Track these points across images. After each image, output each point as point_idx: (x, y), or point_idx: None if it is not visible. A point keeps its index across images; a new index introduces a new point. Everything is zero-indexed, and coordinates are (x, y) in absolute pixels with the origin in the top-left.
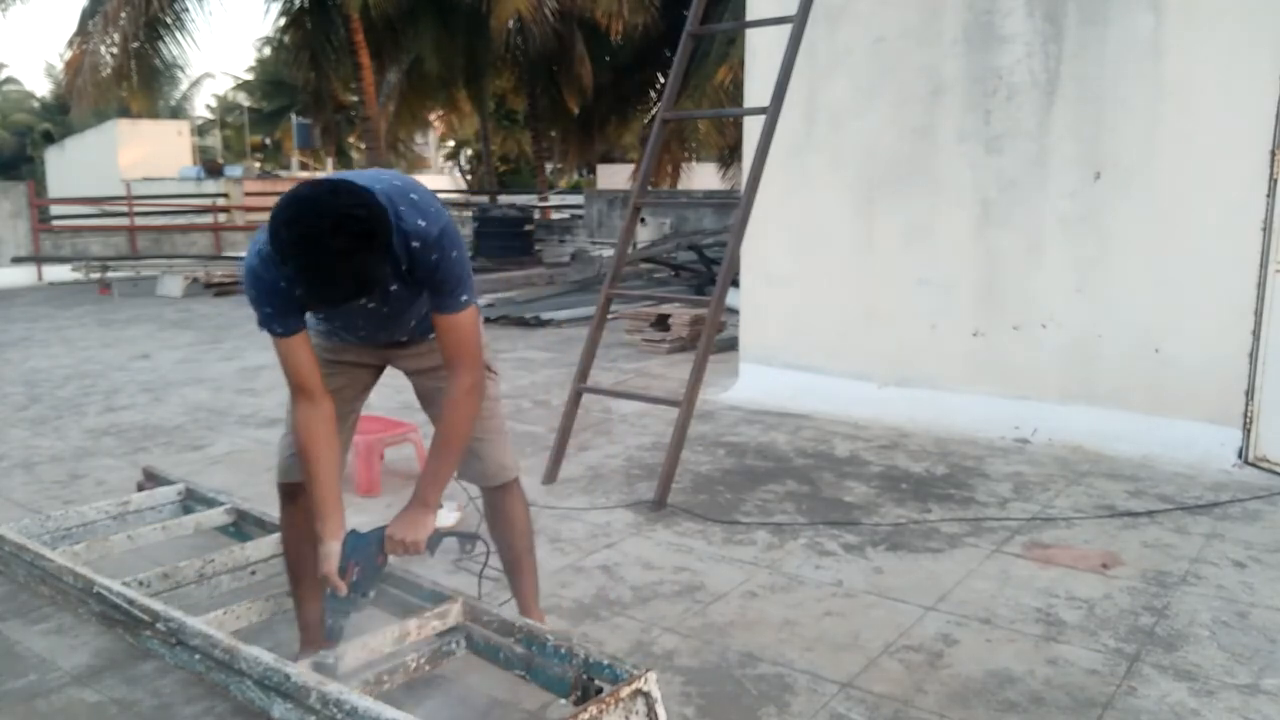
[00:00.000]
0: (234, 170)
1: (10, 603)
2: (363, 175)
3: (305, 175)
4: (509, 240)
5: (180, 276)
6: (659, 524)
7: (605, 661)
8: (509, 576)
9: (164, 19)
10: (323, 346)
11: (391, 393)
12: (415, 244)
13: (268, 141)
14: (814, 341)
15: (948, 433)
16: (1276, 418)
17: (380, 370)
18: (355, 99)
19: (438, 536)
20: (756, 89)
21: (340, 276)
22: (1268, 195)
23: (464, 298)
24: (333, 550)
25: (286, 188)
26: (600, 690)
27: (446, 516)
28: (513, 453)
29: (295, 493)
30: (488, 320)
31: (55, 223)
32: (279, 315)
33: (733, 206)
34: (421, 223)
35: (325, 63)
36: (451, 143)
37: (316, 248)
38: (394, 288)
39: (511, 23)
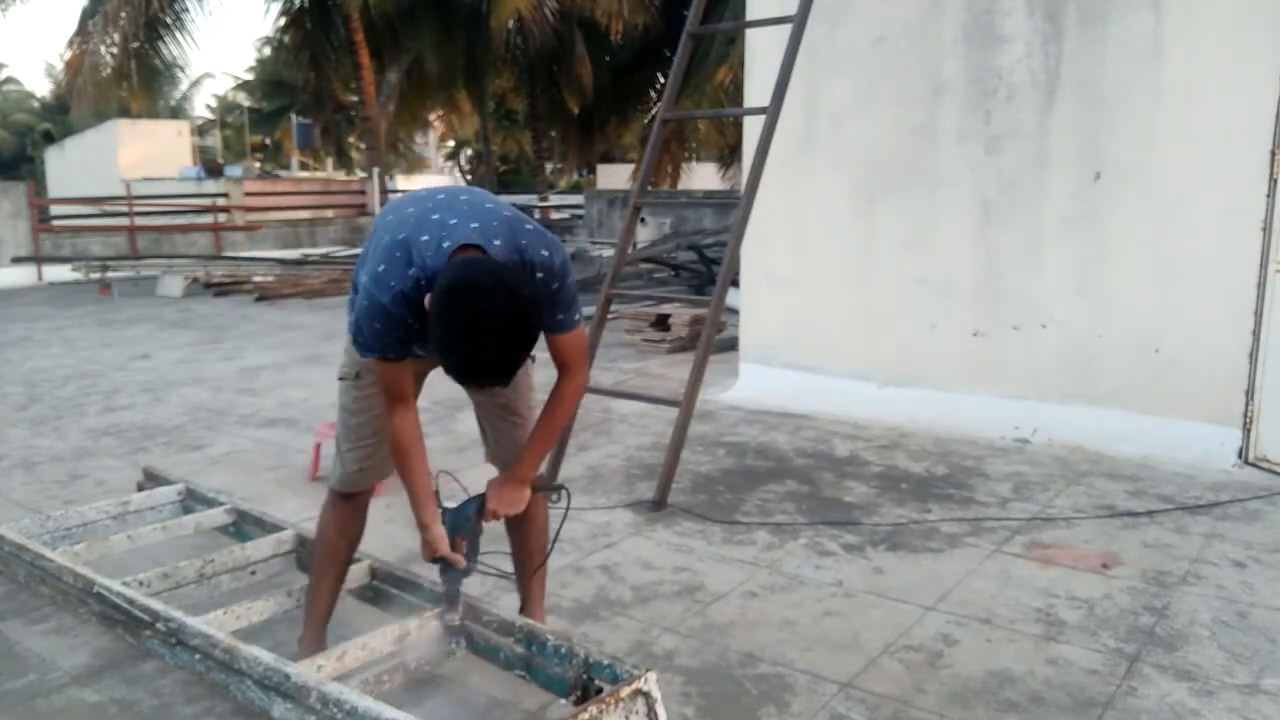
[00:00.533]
0: (234, 170)
1: (10, 603)
2: (468, 206)
3: (305, 175)
4: None
5: (180, 276)
6: (659, 524)
7: (605, 661)
8: (518, 574)
9: (164, 19)
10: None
11: None
12: (540, 274)
13: (268, 141)
14: (814, 341)
15: (948, 433)
16: (1276, 418)
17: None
18: (355, 99)
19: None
20: (756, 89)
21: (500, 369)
22: (1268, 195)
23: (576, 317)
24: (441, 534)
25: (286, 187)
26: (600, 690)
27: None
28: None
29: (353, 496)
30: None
31: (55, 223)
32: (396, 345)
33: (733, 206)
34: (545, 253)
35: (325, 63)
36: (451, 143)
37: (492, 344)
38: None
39: (511, 23)
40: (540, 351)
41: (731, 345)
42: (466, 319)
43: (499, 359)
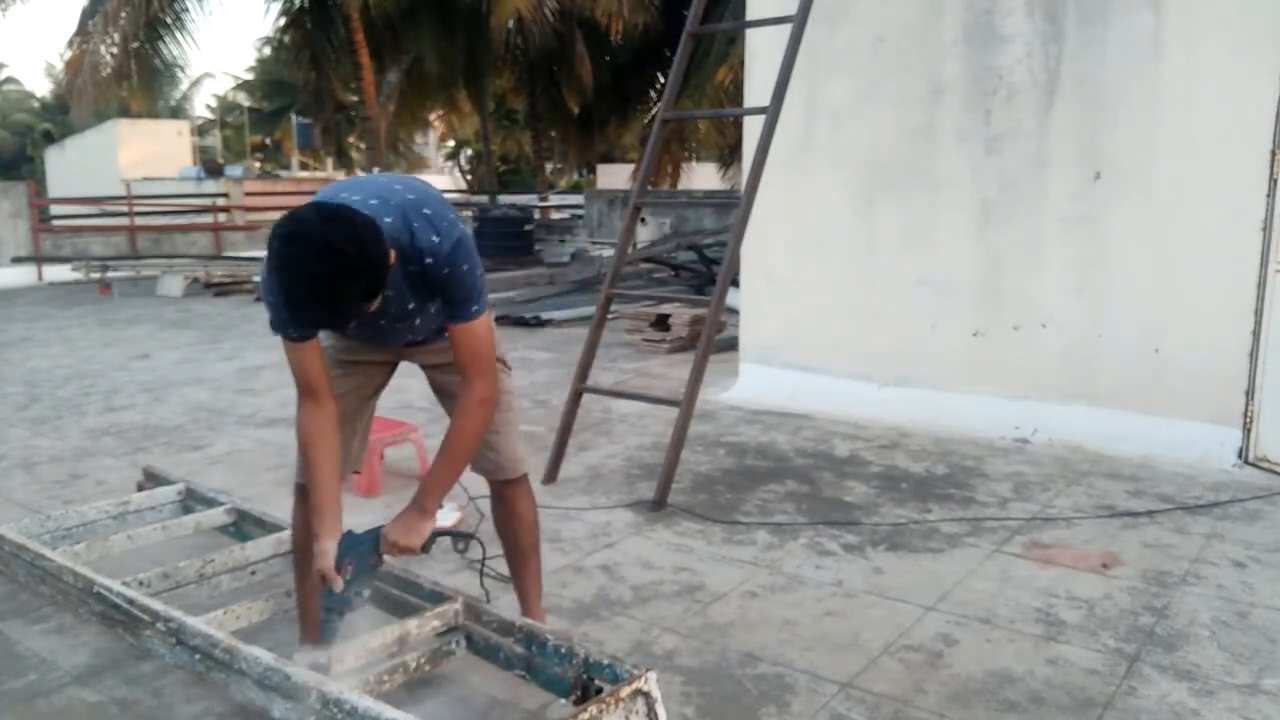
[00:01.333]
0: (234, 170)
1: (10, 602)
2: (377, 185)
3: (305, 175)
4: (509, 240)
5: (180, 276)
6: (659, 524)
7: (605, 661)
8: (513, 576)
9: (164, 19)
10: (335, 347)
11: (391, 393)
12: (429, 260)
13: (268, 141)
14: (814, 341)
15: (948, 433)
16: (1276, 417)
17: (394, 366)
18: (355, 99)
19: (433, 537)
20: (756, 89)
21: (314, 302)
22: (1268, 195)
23: (474, 308)
24: (328, 548)
25: (286, 187)
26: (600, 690)
27: (446, 516)
28: (524, 448)
29: None
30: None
31: (55, 222)
32: (293, 321)
33: (733, 206)
34: (435, 238)
35: (325, 63)
36: (451, 143)
37: (299, 270)
38: (410, 305)
39: (511, 23)
40: (533, 351)
41: (731, 345)
42: (278, 242)
43: (308, 280)
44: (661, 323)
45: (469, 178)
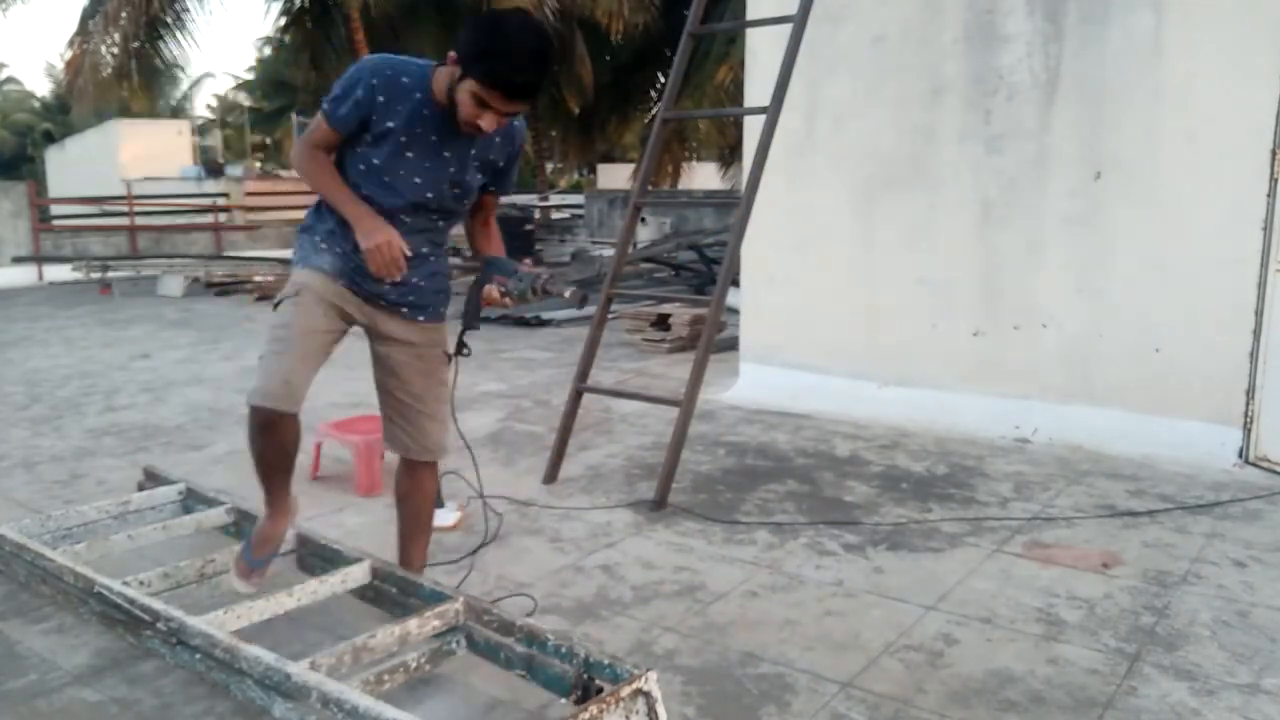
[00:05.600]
0: (235, 170)
1: (11, 602)
2: None
3: None
4: (509, 240)
5: (181, 276)
6: (659, 524)
7: (606, 661)
8: (403, 546)
9: (164, 18)
10: (327, 290)
11: None
12: (517, 123)
13: (268, 141)
14: (814, 341)
15: (948, 432)
16: (1277, 417)
17: (344, 334)
18: None
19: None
20: (756, 89)
21: (540, 64)
22: (1268, 195)
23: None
24: (394, 231)
25: (287, 187)
26: (601, 690)
27: (447, 515)
28: (449, 437)
29: (278, 422)
30: (487, 320)
31: (56, 222)
32: (348, 101)
33: (733, 206)
34: (518, 121)
35: (325, 62)
36: None
37: (536, 39)
38: (470, 166)
39: None
40: (533, 351)
41: (732, 345)
42: (516, 14)
43: (540, 50)
44: (662, 323)
45: None
